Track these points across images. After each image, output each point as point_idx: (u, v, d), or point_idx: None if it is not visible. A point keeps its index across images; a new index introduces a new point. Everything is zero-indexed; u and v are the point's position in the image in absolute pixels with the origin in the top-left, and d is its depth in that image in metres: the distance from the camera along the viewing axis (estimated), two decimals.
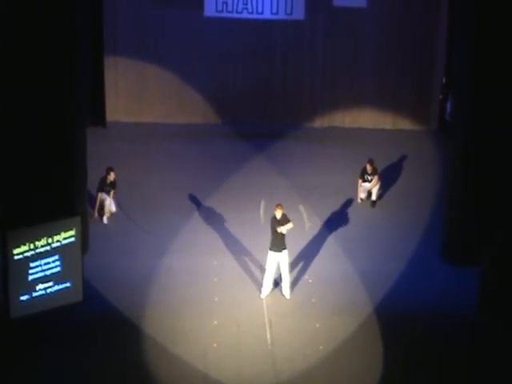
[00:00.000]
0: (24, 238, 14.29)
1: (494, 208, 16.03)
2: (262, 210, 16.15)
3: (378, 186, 19.21)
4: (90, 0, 20.95)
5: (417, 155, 21.75)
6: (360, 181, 19.19)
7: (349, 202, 19.21)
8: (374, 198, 19.23)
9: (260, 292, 15.68)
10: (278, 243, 15.46)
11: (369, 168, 19.12)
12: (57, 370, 13.63)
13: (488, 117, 16.06)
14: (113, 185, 18.51)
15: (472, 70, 16.11)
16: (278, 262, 15.54)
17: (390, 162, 20.86)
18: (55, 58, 15.11)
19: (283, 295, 15.67)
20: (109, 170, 18.50)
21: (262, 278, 15.72)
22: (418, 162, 21.42)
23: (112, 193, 18.41)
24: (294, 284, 15.97)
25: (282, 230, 15.35)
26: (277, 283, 15.87)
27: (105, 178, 18.42)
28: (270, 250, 15.53)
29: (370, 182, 19.14)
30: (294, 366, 13.90)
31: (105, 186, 18.39)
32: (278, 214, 15.47)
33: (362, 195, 19.28)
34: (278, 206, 15.55)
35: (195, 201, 19.07)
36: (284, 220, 15.48)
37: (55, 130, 15.45)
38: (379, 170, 19.43)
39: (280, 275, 15.69)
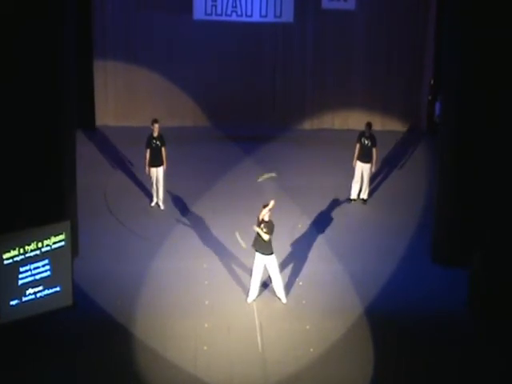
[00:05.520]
0: (13, 243, 14.24)
1: (483, 208, 16.06)
2: (239, 239, 15.97)
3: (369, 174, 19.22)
4: (79, 3, 20.94)
5: (406, 156, 21.82)
6: (358, 145, 19.14)
7: (339, 204, 19.22)
8: (364, 196, 19.31)
9: (247, 296, 15.61)
10: (262, 245, 15.25)
11: (367, 131, 19.09)
12: (46, 375, 13.60)
13: (476, 118, 16.08)
14: (161, 140, 17.91)
15: (460, 71, 16.14)
16: (264, 265, 15.41)
17: (379, 164, 20.86)
18: (45, 61, 15.09)
19: (278, 298, 15.56)
20: (153, 122, 18.09)
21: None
22: (407, 163, 21.49)
23: (162, 150, 17.94)
24: (284, 286, 15.95)
25: (258, 230, 15.20)
26: (266, 285, 15.87)
27: (151, 133, 18.12)
28: (256, 251, 15.40)
29: (367, 145, 19.03)
30: (285, 368, 13.88)
31: (152, 141, 17.93)
32: (265, 215, 15.22)
33: (355, 189, 19.24)
34: (265, 206, 15.26)
35: (185, 204, 19.05)
36: (268, 225, 15.19)
37: (44, 134, 15.41)
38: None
39: (269, 277, 15.64)
